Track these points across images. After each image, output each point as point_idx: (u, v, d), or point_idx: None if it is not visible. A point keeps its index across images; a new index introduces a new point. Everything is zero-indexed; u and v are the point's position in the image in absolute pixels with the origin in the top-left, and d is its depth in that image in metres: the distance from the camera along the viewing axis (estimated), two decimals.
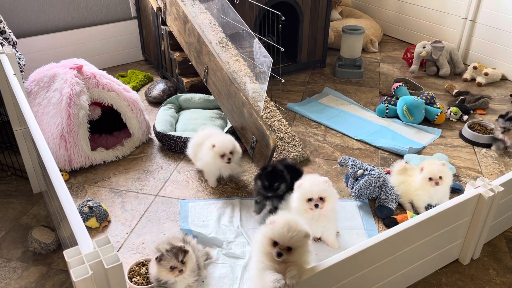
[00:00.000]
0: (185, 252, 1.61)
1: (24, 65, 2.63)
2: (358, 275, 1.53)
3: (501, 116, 2.57)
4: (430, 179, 2.03)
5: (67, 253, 0.93)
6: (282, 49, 2.53)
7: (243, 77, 2.60)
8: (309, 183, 1.79)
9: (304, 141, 2.74)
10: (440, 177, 2.02)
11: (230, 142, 2.20)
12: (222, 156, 2.17)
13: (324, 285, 1.45)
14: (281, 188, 1.96)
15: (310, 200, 1.77)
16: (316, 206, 1.75)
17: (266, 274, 1.39)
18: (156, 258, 1.58)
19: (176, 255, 1.58)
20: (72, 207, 1.05)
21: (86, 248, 0.95)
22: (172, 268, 1.58)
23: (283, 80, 2.72)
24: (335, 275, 1.46)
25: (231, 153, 2.18)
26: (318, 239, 1.96)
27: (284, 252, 1.40)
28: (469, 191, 1.74)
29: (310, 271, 1.39)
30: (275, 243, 1.41)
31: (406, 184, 2.16)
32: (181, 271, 1.58)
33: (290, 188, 1.94)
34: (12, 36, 2.55)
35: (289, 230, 1.40)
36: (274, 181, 1.93)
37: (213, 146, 2.17)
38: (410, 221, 1.59)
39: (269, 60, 2.37)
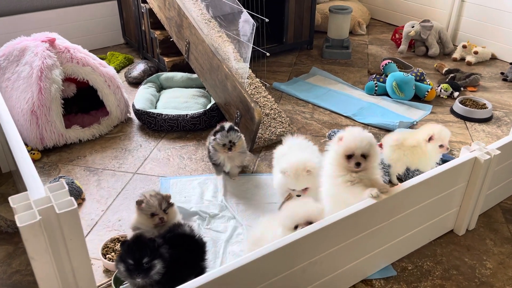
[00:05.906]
0: (170, 204, 1.52)
1: None
2: (349, 242, 1.42)
3: (220, 131, 1.91)
4: (441, 146, 1.90)
5: (12, 199, 0.81)
6: (267, 20, 2.42)
7: (227, 52, 2.48)
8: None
9: (291, 119, 2.63)
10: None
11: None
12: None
13: (312, 253, 1.35)
14: (157, 269, 1.29)
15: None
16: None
17: (355, 188, 1.43)
18: (137, 202, 1.48)
19: (160, 201, 1.48)
20: (24, 153, 0.92)
21: (37, 194, 0.83)
22: (153, 215, 1.47)
23: (268, 54, 2.61)
24: (322, 242, 1.35)
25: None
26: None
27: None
28: (465, 155, 1.65)
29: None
30: (349, 156, 1.44)
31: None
32: (161, 219, 1.47)
33: (172, 268, 1.32)
34: None
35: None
36: (141, 257, 1.28)
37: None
38: (402, 184, 1.49)
39: (251, 24, 2.24)
